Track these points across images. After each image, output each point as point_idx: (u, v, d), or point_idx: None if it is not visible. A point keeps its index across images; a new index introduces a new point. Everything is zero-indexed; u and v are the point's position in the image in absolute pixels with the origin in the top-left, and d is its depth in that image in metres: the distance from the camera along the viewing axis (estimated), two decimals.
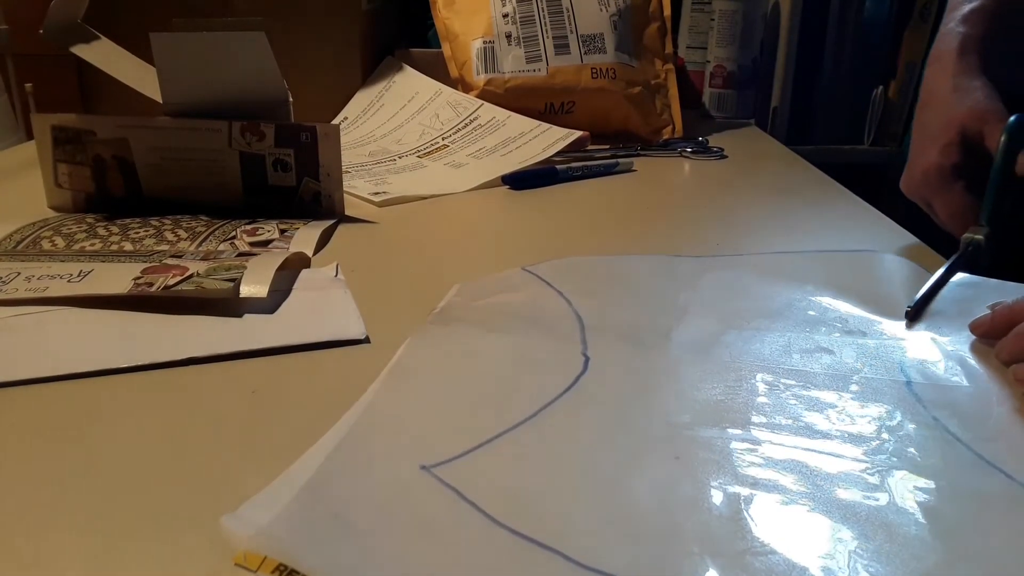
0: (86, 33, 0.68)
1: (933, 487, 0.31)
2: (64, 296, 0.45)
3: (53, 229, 0.57)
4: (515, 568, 0.26)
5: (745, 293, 0.49)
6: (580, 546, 0.27)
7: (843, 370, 0.40)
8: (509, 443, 0.33)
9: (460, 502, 0.29)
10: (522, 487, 0.30)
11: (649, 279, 0.51)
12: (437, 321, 0.44)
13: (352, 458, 0.31)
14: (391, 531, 0.27)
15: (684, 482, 0.31)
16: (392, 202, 0.68)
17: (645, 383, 0.38)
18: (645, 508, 0.29)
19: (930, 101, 0.56)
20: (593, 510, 0.29)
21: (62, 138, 0.62)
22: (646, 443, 0.33)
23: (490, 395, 0.37)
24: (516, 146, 0.83)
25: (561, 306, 0.46)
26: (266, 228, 0.59)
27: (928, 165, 0.54)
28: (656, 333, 0.43)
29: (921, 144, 0.55)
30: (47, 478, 0.31)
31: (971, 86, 0.54)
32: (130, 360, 0.39)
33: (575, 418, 0.35)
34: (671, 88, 0.97)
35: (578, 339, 0.42)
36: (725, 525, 0.28)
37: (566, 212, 0.68)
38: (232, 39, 0.61)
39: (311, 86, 0.87)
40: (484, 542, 0.27)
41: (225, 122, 0.61)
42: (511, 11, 0.92)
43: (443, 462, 0.31)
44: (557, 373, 0.38)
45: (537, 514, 0.28)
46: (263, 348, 0.41)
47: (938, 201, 0.54)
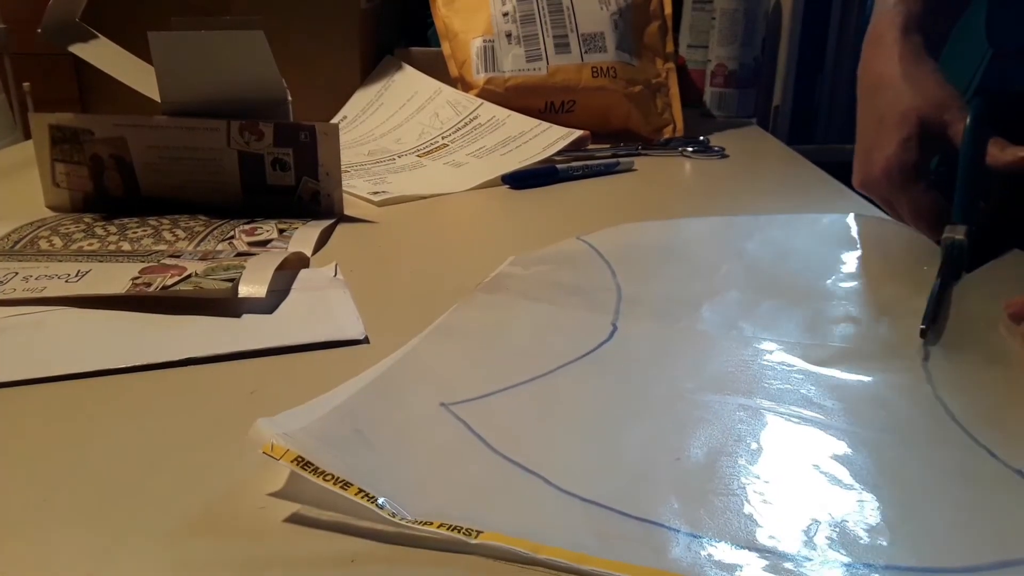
0: (84, 32, 0.67)
1: (916, 461, 0.32)
2: (62, 296, 0.45)
3: (51, 229, 0.57)
4: (501, 484, 0.30)
5: (787, 258, 0.51)
6: (560, 474, 0.30)
7: (861, 348, 0.41)
8: (521, 393, 0.37)
9: (467, 433, 0.33)
10: (523, 427, 0.34)
11: (698, 246, 0.54)
12: (484, 289, 0.47)
13: (381, 392, 0.36)
14: (401, 448, 0.32)
15: (671, 434, 0.33)
16: (391, 202, 0.68)
17: (663, 353, 0.41)
18: (627, 451, 0.32)
19: (879, 87, 0.51)
20: (580, 449, 0.32)
21: (60, 137, 0.62)
22: (645, 402, 0.36)
23: (515, 354, 0.40)
24: (516, 145, 0.83)
25: (605, 277, 0.49)
26: (265, 228, 0.58)
27: (888, 161, 0.50)
28: (689, 305, 0.45)
29: (876, 137, 0.51)
30: (45, 478, 0.31)
31: (922, 71, 0.50)
32: (128, 360, 0.39)
33: (586, 378, 0.38)
34: (672, 87, 0.96)
35: (612, 310, 0.45)
36: (698, 471, 0.31)
37: (566, 212, 0.68)
38: (231, 38, 0.60)
39: (310, 85, 0.87)
40: (479, 463, 0.31)
41: (224, 121, 0.61)
42: (511, 10, 0.92)
43: (460, 402, 0.35)
44: (582, 339, 0.41)
45: (530, 447, 0.32)
46: (262, 348, 0.41)
47: (902, 200, 0.50)
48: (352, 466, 0.29)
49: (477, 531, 0.27)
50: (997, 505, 0.30)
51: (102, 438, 0.33)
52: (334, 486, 0.28)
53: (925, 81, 0.50)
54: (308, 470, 0.28)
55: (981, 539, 0.28)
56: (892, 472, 0.31)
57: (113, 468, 0.31)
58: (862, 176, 0.52)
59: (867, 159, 0.51)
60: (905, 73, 0.50)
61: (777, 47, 1.13)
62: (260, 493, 0.30)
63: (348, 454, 0.30)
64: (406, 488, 0.29)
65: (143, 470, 0.31)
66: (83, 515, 0.29)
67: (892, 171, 0.49)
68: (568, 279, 0.49)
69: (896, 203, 0.51)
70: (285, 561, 0.26)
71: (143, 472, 0.31)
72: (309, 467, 0.28)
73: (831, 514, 0.29)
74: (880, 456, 0.32)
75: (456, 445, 0.32)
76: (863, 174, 0.52)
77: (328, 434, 0.31)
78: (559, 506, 0.29)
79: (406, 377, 0.37)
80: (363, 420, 0.33)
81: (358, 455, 0.31)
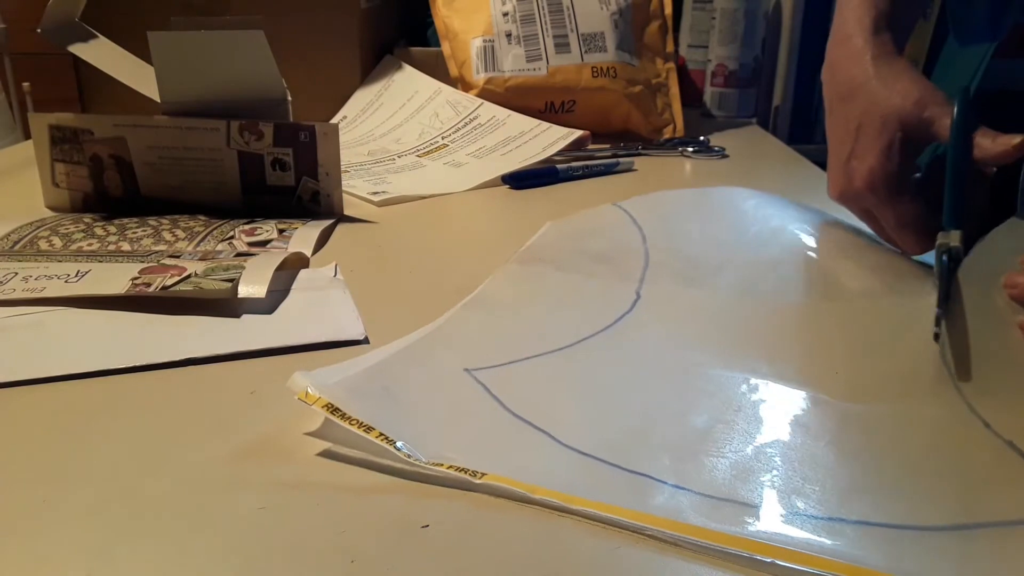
0: (84, 32, 0.67)
1: (910, 428, 0.35)
2: (62, 296, 0.45)
3: (50, 229, 0.57)
4: (509, 438, 0.33)
5: (816, 229, 0.52)
6: (564, 432, 0.33)
7: (875, 322, 0.42)
8: (540, 363, 0.39)
9: (485, 394, 0.36)
10: (537, 392, 0.37)
11: (730, 211, 0.55)
12: (518, 260, 0.50)
13: (410, 357, 0.38)
14: (423, 403, 0.35)
15: (673, 403, 0.36)
16: (391, 202, 0.68)
17: (679, 323, 0.43)
18: (631, 416, 0.35)
19: (852, 93, 0.48)
20: (586, 412, 0.35)
21: (59, 137, 0.62)
22: (655, 372, 0.39)
23: (539, 327, 0.43)
24: (516, 145, 0.83)
25: (635, 243, 0.51)
26: (264, 228, 0.58)
27: (872, 172, 0.46)
28: (711, 269, 0.47)
29: (855, 146, 0.47)
30: (45, 478, 0.31)
31: (895, 70, 0.47)
32: (128, 361, 0.39)
33: (603, 351, 0.41)
34: (672, 87, 0.96)
35: (637, 278, 0.47)
36: (695, 434, 0.34)
37: (567, 212, 0.67)
38: (230, 38, 0.60)
39: (310, 85, 0.87)
40: (492, 420, 0.34)
41: (223, 121, 0.61)
42: (511, 9, 0.92)
43: (482, 368, 0.38)
44: (604, 311, 0.44)
45: (541, 409, 0.35)
46: (262, 348, 0.41)
47: (887, 212, 0.47)
48: (376, 414, 0.32)
49: (482, 473, 0.30)
50: (980, 472, 0.32)
51: (102, 438, 0.33)
52: (358, 429, 0.31)
53: (900, 80, 0.47)
54: (337, 415, 0.32)
55: (957, 503, 0.30)
56: (885, 437, 0.34)
57: (113, 468, 0.31)
58: (841, 188, 0.49)
59: (846, 170, 0.48)
60: (879, 75, 0.47)
61: (777, 47, 1.13)
62: (259, 495, 0.30)
63: (374, 405, 0.33)
64: (423, 436, 0.32)
65: (143, 470, 0.31)
66: (83, 515, 0.28)
67: (875, 182, 0.46)
68: (599, 247, 0.51)
69: (880, 215, 0.48)
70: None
71: (143, 472, 0.31)
72: (337, 412, 0.32)
73: (816, 473, 0.31)
74: (875, 422, 0.35)
75: (473, 404, 0.35)
76: (842, 186, 0.49)
77: (357, 388, 0.34)
78: (559, 458, 0.32)
79: (435, 345, 0.40)
80: (391, 379, 0.36)
81: (383, 406, 0.34)
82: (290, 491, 0.30)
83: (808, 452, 0.33)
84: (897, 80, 0.47)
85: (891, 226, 0.47)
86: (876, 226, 0.50)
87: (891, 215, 0.47)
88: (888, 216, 0.47)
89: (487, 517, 0.29)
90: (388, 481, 0.31)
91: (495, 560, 0.27)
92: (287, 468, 0.31)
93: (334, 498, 0.30)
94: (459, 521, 0.28)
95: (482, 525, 0.28)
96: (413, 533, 0.28)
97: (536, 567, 0.26)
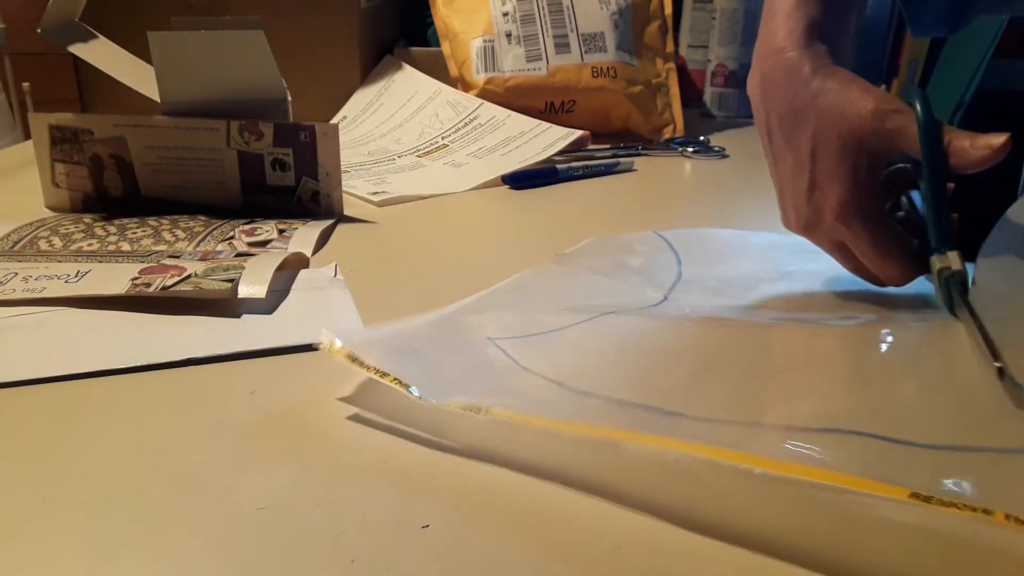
0: (84, 32, 0.67)
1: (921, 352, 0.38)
2: (62, 297, 0.45)
3: (50, 229, 0.57)
4: (522, 388, 0.34)
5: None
6: (577, 380, 0.34)
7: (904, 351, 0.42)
8: (562, 334, 0.40)
9: (504, 357, 0.37)
10: (555, 355, 0.38)
11: (768, 250, 0.55)
12: (555, 261, 0.51)
13: (439, 325, 0.40)
14: (443, 359, 0.36)
15: (693, 357, 0.37)
16: (391, 202, 0.68)
17: (699, 320, 0.43)
18: (650, 372, 0.36)
19: (798, 117, 0.42)
20: (604, 367, 0.36)
21: (59, 137, 0.62)
22: (679, 335, 0.40)
23: (567, 308, 0.43)
24: (516, 145, 0.83)
25: (670, 263, 0.52)
26: (264, 228, 0.58)
27: (841, 202, 0.41)
28: (741, 289, 0.47)
29: (812, 175, 0.42)
30: (45, 479, 0.31)
31: (840, 81, 0.42)
32: (128, 361, 0.39)
33: (627, 323, 0.42)
34: (672, 87, 0.96)
35: (668, 286, 0.48)
36: (711, 380, 0.35)
37: (567, 212, 0.68)
38: (230, 38, 0.60)
39: (310, 85, 0.87)
40: (508, 375, 0.35)
41: (223, 121, 0.61)
42: (511, 9, 0.92)
43: (506, 337, 0.39)
44: (632, 302, 0.45)
45: (556, 366, 0.36)
46: (262, 349, 0.41)
47: (864, 243, 0.42)
48: (393, 363, 0.33)
49: (487, 408, 0.31)
50: (978, 401, 0.34)
51: (102, 438, 0.33)
52: (373, 374, 0.33)
53: (848, 92, 0.41)
54: (355, 363, 0.33)
55: (947, 423, 0.32)
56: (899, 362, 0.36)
57: (113, 468, 0.31)
58: (806, 222, 0.44)
59: (810, 202, 0.43)
60: (823, 89, 0.42)
61: None
62: (259, 495, 0.30)
63: (393, 356, 0.35)
64: (438, 385, 0.33)
65: (143, 470, 0.31)
66: (83, 515, 0.28)
67: (847, 213, 0.41)
68: (635, 262, 0.53)
69: (857, 248, 0.43)
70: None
71: (143, 472, 0.31)
72: (356, 361, 0.33)
73: (826, 399, 0.34)
74: (892, 350, 0.38)
75: (492, 363, 0.37)
76: (807, 220, 0.44)
77: (381, 342, 0.36)
78: (569, 399, 0.33)
79: (463, 316, 0.41)
80: (417, 341, 0.38)
81: (402, 359, 0.35)
82: (290, 491, 0.30)
83: (823, 381, 0.35)
84: (845, 92, 0.41)
85: (870, 258, 0.43)
86: (849, 260, 0.45)
87: (868, 246, 0.42)
88: (865, 248, 0.42)
89: (487, 517, 0.29)
90: (389, 481, 0.31)
91: (495, 560, 0.27)
92: (287, 468, 0.31)
93: (334, 498, 0.30)
94: (459, 521, 0.28)
95: (482, 525, 0.28)
96: (413, 533, 0.28)
97: (536, 567, 0.26)
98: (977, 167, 0.40)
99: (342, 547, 0.27)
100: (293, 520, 0.28)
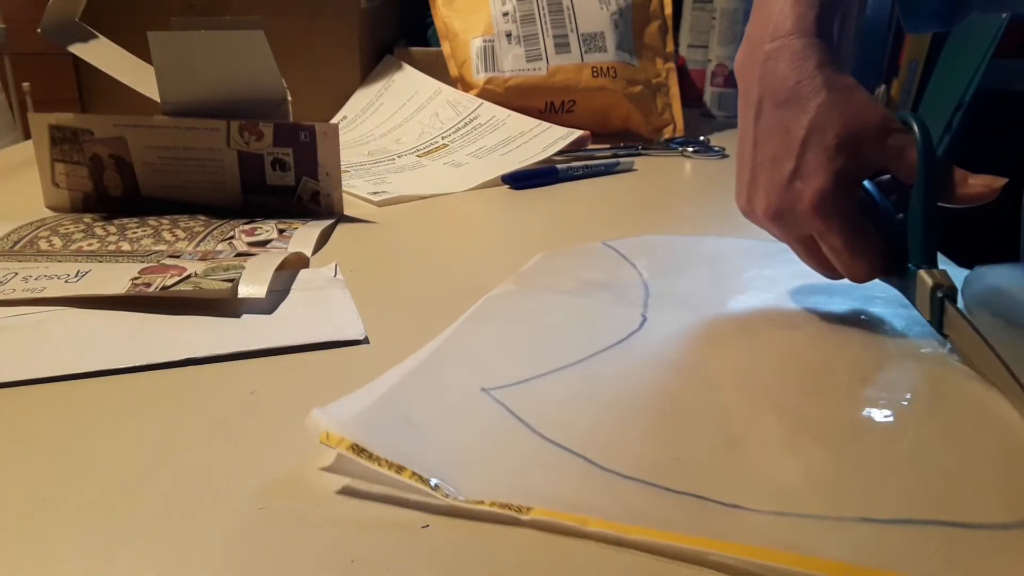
0: (84, 32, 0.67)
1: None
2: (62, 296, 0.45)
3: (50, 229, 0.57)
4: (544, 464, 0.32)
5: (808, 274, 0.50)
6: (602, 454, 0.32)
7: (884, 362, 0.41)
8: (558, 379, 0.38)
9: (508, 416, 0.35)
10: (561, 410, 0.36)
11: (719, 256, 0.55)
12: (515, 282, 0.49)
13: (425, 378, 0.37)
14: (447, 432, 0.33)
15: (705, 420, 0.35)
16: (391, 202, 0.68)
17: (692, 339, 0.43)
18: (664, 433, 0.34)
19: (794, 100, 0.41)
20: (618, 430, 0.34)
21: (59, 137, 0.62)
22: (680, 386, 0.38)
23: (550, 341, 0.42)
24: (516, 145, 0.83)
25: (632, 276, 0.51)
26: (264, 228, 0.58)
27: (822, 194, 0.40)
28: (713, 303, 0.47)
29: (798, 163, 0.41)
30: (45, 478, 0.31)
31: (847, 84, 0.41)
32: (128, 361, 0.39)
33: (621, 364, 0.40)
34: (672, 87, 0.96)
35: (641, 302, 0.46)
36: (726, 451, 0.33)
37: (566, 211, 0.68)
38: (230, 38, 0.60)
39: (310, 85, 0.87)
40: (522, 444, 0.33)
41: (223, 121, 0.61)
42: (511, 9, 0.92)
43: (500, 387, 0.37)
44: (614, 328, 0.43)
45: (570, 429, 0.34)
46: (262, 348, 0.41)
47: (836, 238, 0.41)
48: (403, 450, 0.31)
49: (528, 508, 0.28)
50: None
51: (102, 438, 0.33)
52: (389, 470, 0.30)
53: (854, 97, 0.41)
54: (364, 456, 0.30)
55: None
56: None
57: (113, 468, 0.31)
58: (777, 208, 0.42)
59: (786, 190, 0.42)
60: (830, 86, 0.41)
61: None
62: (259, 495, 0.30)
63: (398, 439, 0.32)
64: (455, 470, 0.31)
65: (143, 470, 0.31)
66: (83, 515, 0.28)
67: (826, 204, 0.41)
68: (595, 276, 0.51)
69: (828, 242, 0.42)
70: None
71: (143, 472, 0.31)
72: (364, 453, 0.30)
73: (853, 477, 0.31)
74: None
75: (498, 428, 0.34)
76: (779, 206, 0.42)
77: (378, 422, 0.33)
78: (603, 483, 0.30)
79: (446, 363, 0.39)
80: (409, 406, 0.35)
81: (407, 439, 0.32)
82: (290, 491, 0.30)
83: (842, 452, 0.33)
84: (851, 95, 0.41)
85: (841, 255, 0.42)
86: (810, 254, 0.44)
87: (842, 242, 0.41)
88: (837, 243, 0.42)
89: (487, 517, 0.29)
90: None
91: (495, 560, 0.27)
92: (287, 467, 0.31)
93: (334, 498, 0.30)
94: (459, 521, 0.28)
95: (482, 525, 0.28)
96: (413, 533, 0.28)
97: (536, 567, 0.26)
98: (972, 201, 0.41)
99: (342, 547, 0.27)
100: (293, 520, 0.28)
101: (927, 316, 0.41)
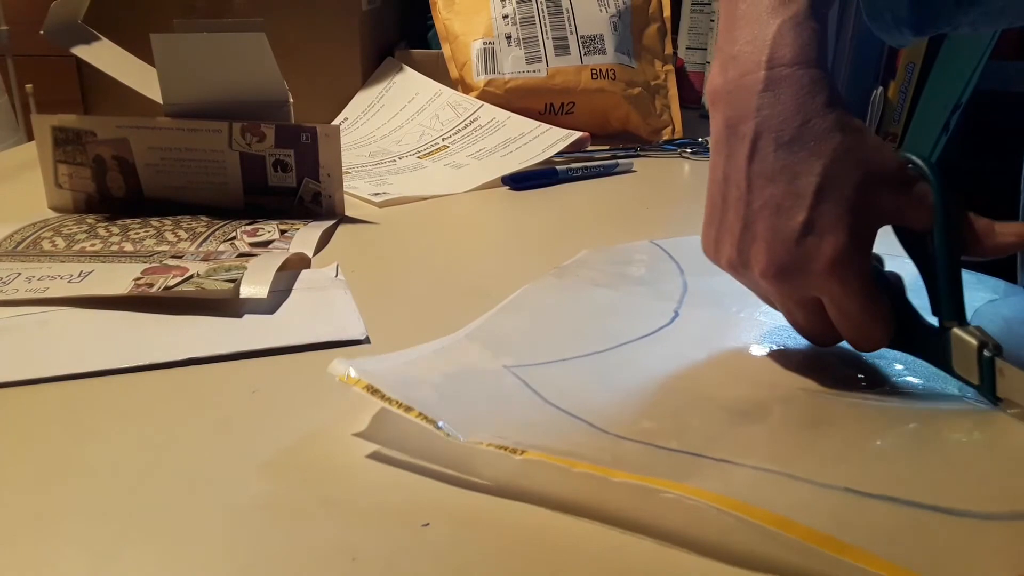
0: (87, 34, 0.68)
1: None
2: (65, 297, 0.45)
3: (53, 230, 0.57)
4: (548, 424, 0.33)
5: None
6: (604, 420, 0.33)
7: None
8: (580, 364, 0.39)
9: (524, 388, 0.36)
10: (576, 388, 0.37)
11: None
12: (555, 275, 0.50)
13: (451, 352, 0.39)
14: (463, 392, 0.35)
15: (715, 395, 0.37)
16: (392, 203, 0.68)
17: (720, 335, 0.43)
18: (672, 406, 0.36)
19: (810, 145, 0.36)
20: (626, 404, 0.36)
21: (62, 139, 0.62)
22: (697, 372, 0.39)
23: (578, 331, 0.43)
24: (516, 147, 0.83)
25: (673, 273, 0.51)
26: (266, 229, 0.59)
27: (841, 252, 0.35)
28: (746, 304, 0.46)
29: (811, 214, 0.35)
30: (47, 478, 0.31)
31: (857, 126, 0.36)
32: (130, 361, 0.39)
33: (641, 355, 0.41)
34: (671, 89, 0.97)
35: (677, 299, 0.47)
36: (735, 421, 0.35)
37: (566, 212, 0.68)
38: (232, 40, 0.61)
39: (311, 87, 0.87)
40: (531, 409, 0.34)
41: (225, 123, 0.61)
42: (511, 12, 0.92)
43: (522, 365, 0.38)
44: (645, 321, 0.44)
45: (580, 401, 0.35)
46: (263, 348, 0.41)
47: (854, 303, 0.36)
48: (415, 397, 0.32)
49: (522, 449, 0.30)
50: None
51: (104, 438, 0.34)
52: (398, 408, 0.31)
53: (869, 141, 0.36)
54: (377, 396, 0.32)
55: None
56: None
57: (115, 467, 0.32)
58: (781, 266, 0.36)
59: (797, 245, 0.36)
60: (843, 126, 0.36)
61: None
62: (260, 494, 0.30)
63: (413, 389, 0.34)
64: (462, 419, 0.32)
65: (144, 470, 0.31)
66: (83, 515, 0.29)
67: (845, 266, 0.35)
68: (637, 272, 0.52)
69: (843, 306, 0.37)
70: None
71: (144, 472, 0.31)
72: (377, 393, 0.32)
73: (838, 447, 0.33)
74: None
75: (512, 395, 0.36)
76: (785, 264, 0.36)
77: (397, 375, 0.35)
78: (600, 441, 0.32)
79: (474, 343, 0.40)
80: (430, 369, 0.37)
81: (422, 391, 0.34)
82: (291, 490, 0.30)
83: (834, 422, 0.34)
84: (864, 140, 0.36)
85: (855, 320, 0.37)
86: (812, 318, 0.39)
87: (859, 307, 0.37)
88: (853, 308, 0.37)
89: (487, 516, 0.29)
90: (389, 480, 0.31)
91: (495, 559, 0.27)
92: (288, 467, 0.32)
93: (335, 496, 0.30)
94: (459, 520, 0.29)
95: (482, 524, 0.29)
96: (414, 532, 0.28)
97: (537, 566, 0.27)
98: (1003, 252, 0.37)
99: (343, 545, 0.27)
100: (293, 520, 0.29)
101: (973, 379, 0.36)
